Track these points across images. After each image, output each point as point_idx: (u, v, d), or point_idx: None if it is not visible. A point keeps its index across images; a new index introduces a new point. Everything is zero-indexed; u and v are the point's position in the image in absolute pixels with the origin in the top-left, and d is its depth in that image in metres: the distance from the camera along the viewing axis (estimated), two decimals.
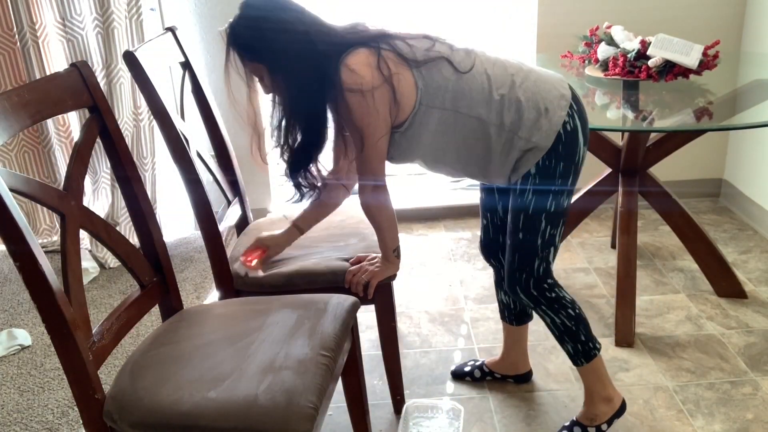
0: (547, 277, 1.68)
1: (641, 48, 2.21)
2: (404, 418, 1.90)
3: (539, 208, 1.60)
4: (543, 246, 1.63)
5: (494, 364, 2.06)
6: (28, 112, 1.26)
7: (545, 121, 1.53)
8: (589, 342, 1.73)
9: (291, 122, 1.54)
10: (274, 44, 1.47)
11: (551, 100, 1.55)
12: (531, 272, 1.65)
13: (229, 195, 2.04)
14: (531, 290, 1.67)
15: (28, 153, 2.98)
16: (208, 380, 1.30)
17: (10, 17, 2.69)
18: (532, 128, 1.53)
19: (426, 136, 1.56)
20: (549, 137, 1.54)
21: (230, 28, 1.49)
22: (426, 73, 1.50)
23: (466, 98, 1.52)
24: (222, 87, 3.12)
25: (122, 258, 1.48)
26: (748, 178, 3.05)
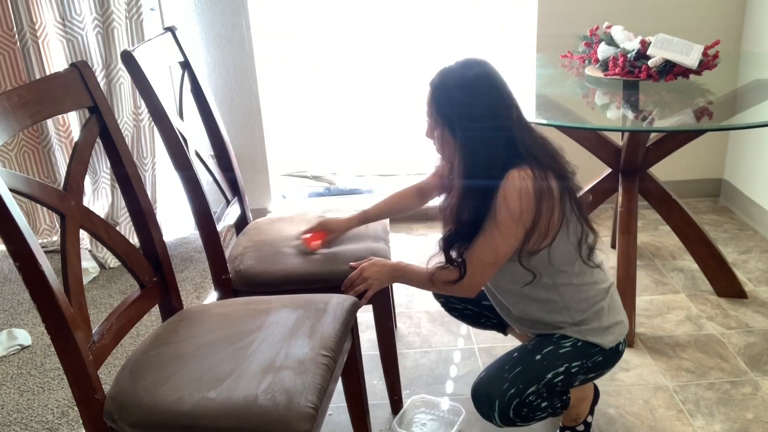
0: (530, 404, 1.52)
1: (641, 48, 2.20)
2: (407, 409, 1.91)
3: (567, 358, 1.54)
4: (547, 384, 1.52)
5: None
6: (28, 112, 1.26)
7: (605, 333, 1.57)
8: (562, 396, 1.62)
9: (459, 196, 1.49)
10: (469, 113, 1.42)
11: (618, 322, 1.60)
12: (521, 392, 1.50)
13: (228, 195, 2.04)
14: (509, 411, 1.50)
15: (28, 153, 2.98)
16: (208, 380, 1.30)
17: (10, 17, 2.69)
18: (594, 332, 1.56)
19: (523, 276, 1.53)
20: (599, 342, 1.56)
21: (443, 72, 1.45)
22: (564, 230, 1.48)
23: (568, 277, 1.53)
24: (221, 87, 3.14)
25: (122, 258, 1.48)
26: (748, 178, 3.05)
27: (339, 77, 3.32)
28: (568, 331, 1.57)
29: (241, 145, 3.06)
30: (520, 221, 1.42)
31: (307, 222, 1.95)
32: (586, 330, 1.56)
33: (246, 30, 2.94)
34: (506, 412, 1.50)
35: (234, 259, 1.86)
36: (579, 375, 1.57)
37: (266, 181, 3.21)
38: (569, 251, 1.51)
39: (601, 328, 1.57)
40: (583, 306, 1.56)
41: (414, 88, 3.55)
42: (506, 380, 1.50)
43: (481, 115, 1.41)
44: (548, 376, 1.52)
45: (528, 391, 1.50)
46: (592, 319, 1.56)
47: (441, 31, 3.35)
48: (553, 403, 1.58)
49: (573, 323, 1.57)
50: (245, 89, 3.03)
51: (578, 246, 1.51)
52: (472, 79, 1.42)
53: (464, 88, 1.42)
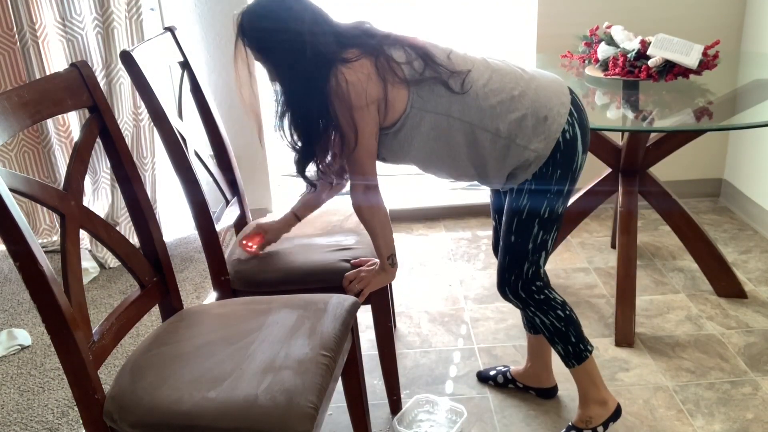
0: (537, 280, 1.67)
1: (641, 48, 2.20)
2: (408, 409, 1.91)
3: (533, 212, 1.60)
4: (534, 250, 1.63)
5: (518, 374, 2.02)
6: (28, 112, 1.26)
7: (544, 128, 1.54)
8: (580, 344, 1.72)
9: (291, 119, 1.56)
10: (274, 42, 1.50)
11: (551, 107, 1.55)
12: (520, 274, 1.66)
13: (228, 195, 2.04)
14: (519, 292, 1.68)
15: (28, 153, 2.98)
16: (208, 380, 1.30)
17: (10, 17, 2.69)
18: (531, 136, 1.54)
19: (418, 140, 1.56)
20: (548, 145, 1.54)
21: (240, 17, 1.52)
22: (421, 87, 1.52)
23: (459, 104, 1.53)
24: (221, 87, 3.14)
25: (122, 258, 1.48)
26: (748, 178, 3.05)
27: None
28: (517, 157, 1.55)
29: (241, 145, 3.06)
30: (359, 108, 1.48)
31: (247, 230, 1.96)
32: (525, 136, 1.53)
33: None
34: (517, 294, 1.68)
35: (233, 259, 1.86)
36: (556, 207, 1.60)
37: (266, 181, 3.21)
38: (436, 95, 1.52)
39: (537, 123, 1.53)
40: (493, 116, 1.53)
41: None
42: (505, 271, 1.67)
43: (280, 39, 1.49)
44: (529, 246, 1.62)
45: (524, 269, 1.65)
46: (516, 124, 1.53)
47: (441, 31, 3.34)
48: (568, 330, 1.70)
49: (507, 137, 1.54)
50: None
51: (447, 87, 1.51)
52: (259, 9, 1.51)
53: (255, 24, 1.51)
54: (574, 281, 2.62)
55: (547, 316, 1.70)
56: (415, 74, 1.51)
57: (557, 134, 1.54)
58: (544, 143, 1.54)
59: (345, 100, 1.48)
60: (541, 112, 1.54)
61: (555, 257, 2.79)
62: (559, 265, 2.75)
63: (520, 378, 2.01)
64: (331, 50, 1.49)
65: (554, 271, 2.70)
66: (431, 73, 1.51)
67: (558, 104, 1.56)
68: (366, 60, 1.48)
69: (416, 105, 1.52)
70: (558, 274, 2.67)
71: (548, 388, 1.99)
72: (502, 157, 1.56)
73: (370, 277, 1.73)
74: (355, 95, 1.47)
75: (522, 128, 1.53)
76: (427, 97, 1.52)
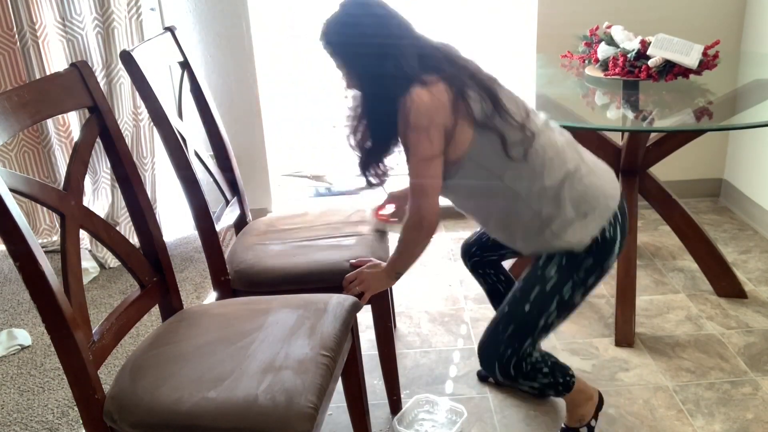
0: (530, 356, 1.58)
1: (641, 48, 2.20)
2: (408, 408, 1.91)
3: (557, 290, 1.54)
4: (542, 328, 1.56)
5: None
6: (28, 112, 1.26)
7: (580, 225, 1.51)
8: (565, 377, 1.67)
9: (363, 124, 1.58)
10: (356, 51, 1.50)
11: (594, 207, 1.52)
12: (518, 350, 1.55)
13: (228, 194, 2.04)
14: (510, 370, 1.57)
15: (28, 153, 2.98)
16: (208, 380, 1.30)
17: (10, 17, 2.69)
18: (566, 227, 1.51)
19: (463, 191, 1.56)
20: (581, 243, 1.52)
21: (325, 25, 1.52)
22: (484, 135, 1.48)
23: (514, 171, 1.50)
24: (221, 87, 3.14)
25: (122, 258, 1.48)
26: (748, 178, 3.05)
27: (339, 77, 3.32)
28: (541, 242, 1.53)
29: (241, 145, 3.06)
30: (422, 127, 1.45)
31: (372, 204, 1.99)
32: (557, 230, 1.51)
33: (246, 30, 2.94)
34: (507, 371, 1.57)
35: (233, 259, 1.86)
36: (576, 295, 1.55)
37: (266, 181, 3.21)
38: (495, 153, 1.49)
39: (569, 220, 1.50)
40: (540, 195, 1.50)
41: None
42: (501, 342, 1.56)
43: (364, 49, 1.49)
44: (540, 323, 1.54)
45: (524, 347, 1.55)
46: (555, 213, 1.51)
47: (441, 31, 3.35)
48: (555, 377, 1.62)
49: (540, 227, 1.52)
50: (245, 89, 3.03)
51: (503, 148, 1.48)
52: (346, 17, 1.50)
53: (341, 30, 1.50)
54: None
55: (535, 380, 1.62)
56: (484, 118, 1.47)
57: (594, 233, 1.52)
58: (578, 238, 1.52)
59: (409, 118, 1.45)
60: (582, 208, 1.51)
61: None
62: None
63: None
64: (412, 69, 1.46)
65: None
66: (499, 123, 1.48)
67: (603, 206, 1.53)
68: (443, 86, 1.45)
69: (473, 156, 1.49)
70: None
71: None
72: (534, 235, 1.54)
73: (370, 280, 1.72)
74: (419, 116, 1.44)
75: (561, 217, 1.51)
76: (486, 152, 1.49)
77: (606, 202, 1.54)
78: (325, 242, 1.91)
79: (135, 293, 1.51)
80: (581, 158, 1.56)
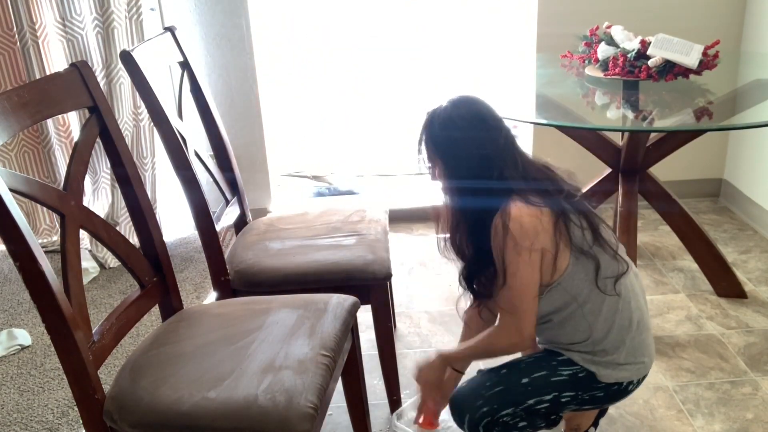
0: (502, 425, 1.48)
1: (641, 48, 2.20)
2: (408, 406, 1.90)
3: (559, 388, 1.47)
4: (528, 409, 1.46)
5: None
6: (28, 112, 1.26)
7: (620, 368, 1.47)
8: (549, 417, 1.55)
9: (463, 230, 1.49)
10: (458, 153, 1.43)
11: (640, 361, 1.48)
12: (493, 413, 1.46)
13: (228, 194, 2.04)
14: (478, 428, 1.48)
15: (28, 153, 2.98)
16: (208, 380, 1.30)
17: (10, 17, 2.69)
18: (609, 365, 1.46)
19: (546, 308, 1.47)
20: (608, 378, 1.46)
21: (430, 114, 1.46)
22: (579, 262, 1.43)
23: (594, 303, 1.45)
24: (221, 87, 3.13)
25: (122, 258, 1.48)
26: (748, 178, 3.05)
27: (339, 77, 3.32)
28: (577, 357, 1.48)
29: (241, 145, 3.06)
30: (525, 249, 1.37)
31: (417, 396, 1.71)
32: (599, 360, 1.46)
33: (246, 30, 2.94)
34: (475, 428, 1.47)
35: (233, 259, 1.86)
36: (570, 405, 1.49)
37: (266, 181, 3.21)
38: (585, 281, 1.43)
39: (616, 362, 1.46)
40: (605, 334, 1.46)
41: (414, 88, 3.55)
42: (482, 397, 1.47)
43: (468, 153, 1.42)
44: (529, 401, 1.46)
45: (502, 413, 1.46)
46: (610, 350, 1.46)
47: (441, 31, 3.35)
48: (534, 423, 1.51)
49: (587, 351, 1.47)
50: (245, 89, 3.03)
51: (595, 276, 1.43)
52: (456, 118, 1.43)
53: (449, 128, 1.43)
54: None
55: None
56: (585, 244, 1.42)
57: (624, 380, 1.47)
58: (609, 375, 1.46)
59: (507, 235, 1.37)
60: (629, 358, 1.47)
61: None
62: None
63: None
64: (515, 181, 1.40)
65: None
66: (597, 250, 1.43)
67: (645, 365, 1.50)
68: (548, 210, 1.38)
69: (564, 282, 1.43)
70: None
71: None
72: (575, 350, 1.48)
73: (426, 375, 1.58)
74: (521, 235, 1.36)
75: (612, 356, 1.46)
76: (578, 279, 1.43)
77: (649, 361, 1.51)
78: (325, 242, 1.91)
79: (135, 293, 1.51)
80: (646, 309, 1.53)
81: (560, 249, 1.40)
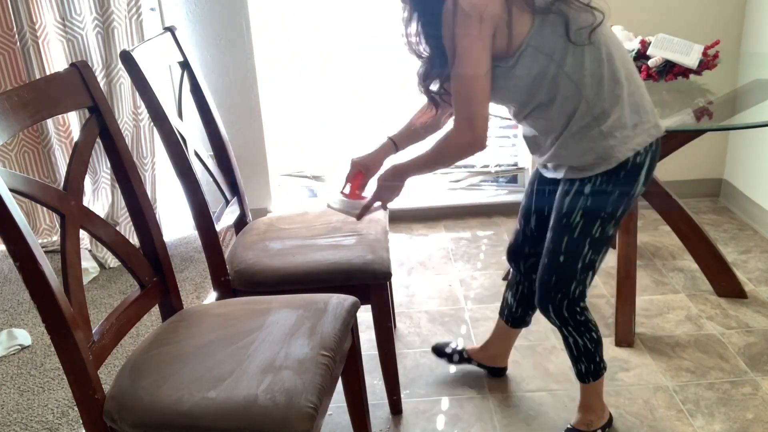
0: (581, 300, 1.64)
1: (641, 48, 2.20)
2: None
3: (585, 233, 1.54)
4: (582, 269, 1.59)
5: (475, 353, 2.11)
6: (28, 112, 1.26)
7: (631, 132, 1.46)
8: (602, 362, 1.75)
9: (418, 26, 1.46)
10: None
11: (645, 121, 1.48)
12: (567, 294, 1.61)
13: (228, 194, 2.04)
14: (563, 312, 1.64)
15: (28, 153, 2.98)
16: (208, 380, 1.30)
17: (10, 17, 2.69)
18: (617, 129, 1.44)
19: (525, 80, 1.44)
20: (624, 151, 1.46)
21: None
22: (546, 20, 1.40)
23: (574, 58, 1.41)
24: (221, 87, 3.14)
25: (122, 258, 1.48)
26: (748, 178, 3.05)
27: (339, 77, 3.32)
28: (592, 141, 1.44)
29: (241, 145, 3.06)
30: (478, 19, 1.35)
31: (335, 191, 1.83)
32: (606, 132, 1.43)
33: (246, 30, 2.94)
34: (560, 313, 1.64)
35: (233, 259, 1.86)
36: (608, 228, 1.54)
37: (266, 181, 3.21)
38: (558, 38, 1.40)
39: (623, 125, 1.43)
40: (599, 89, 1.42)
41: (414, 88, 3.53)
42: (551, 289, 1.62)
43: None
44: (579, 266, 1.57)
45: (571, 289, 1.60)
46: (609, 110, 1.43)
47: None
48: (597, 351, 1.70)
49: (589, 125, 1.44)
50: (245, 89, 3.03)
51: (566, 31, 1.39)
52: None
53: None
54: None
55: (582, 337, 1.69)
56: (543, 2, 1.39)
57: (636, 148, 1.47)
58: (621, 146, 1.46)
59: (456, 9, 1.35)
60: (634, 117, 1.46)
61: None
62: None
63: (476, 356, 2.10)
64: None
65: None
66: (562, 5, 1.39)
67: (652, 124, 1.49)
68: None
69: (533, 42, 1.39)
70: None
71: (501, 368, 2.10)
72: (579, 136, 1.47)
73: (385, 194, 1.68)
74: (471, 6, 1.34)
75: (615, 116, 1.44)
76: (546, 36, 1.39)
77: (656, 122, 1.49)
78: (325, 242, 1.91)
79: (135, 293, 1.51)
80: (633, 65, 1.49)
81: (514, 13, 1.37)
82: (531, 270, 1.86)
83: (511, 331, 2.01)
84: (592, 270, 1.60)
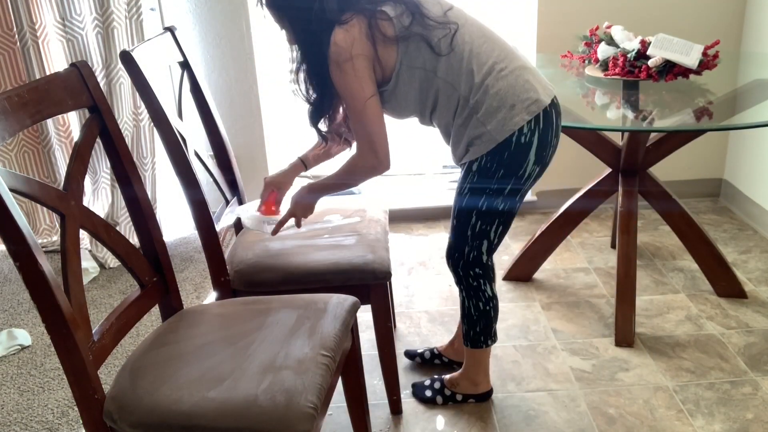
0: (476, 266, 1.78)
1: (641, 48, 2.21)
2: None
3: (471, 205, 1.70)
4: (473, 237, 1.74)
5: (444, 349, 2.17)
6: (28, 112, 1.26)
7: (506, 114, 1.59)
8: (482, 335, 1.87)
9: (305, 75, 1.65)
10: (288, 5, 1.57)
11: (522, 100, 1.60)
12: (462, 255, 1.77)
13: (228, 195, 2.04)
14: (459, 270, 1.80)
15: (28, 153, 2.98)
16: (207, 380, 1.30)
17: (10, 17, 2.69)
18: (491, 115, 1.60)
19: (413, 94, 1.63)
20: (501, 132, 1.60)
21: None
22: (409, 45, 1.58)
23: (445, 64, 1.59)
24: (221, 87, 3.13)
25: (122, 258, 1.48)
26: (748, 178, 3.05)
27: None
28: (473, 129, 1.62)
29: (241, 145, 3.06)
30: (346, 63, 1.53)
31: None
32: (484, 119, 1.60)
33: (246, 30, 2.94)
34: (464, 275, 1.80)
35: (233, 259, 1.86)
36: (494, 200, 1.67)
37: None
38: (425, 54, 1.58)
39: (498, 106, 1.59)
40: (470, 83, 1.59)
41: None
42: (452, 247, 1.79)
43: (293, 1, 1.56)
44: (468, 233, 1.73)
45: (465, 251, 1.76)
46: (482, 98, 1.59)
47: None
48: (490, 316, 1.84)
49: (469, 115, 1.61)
50: (245, 89, 3.03)
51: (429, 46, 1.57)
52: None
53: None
54: (574, 281, 2.62)
55: (470, 300, 1.83)
56: (403, 30, 1.56)
57: (514, 127, 1.60)
58: (499, 127, 1.60)
59: (332, 60, 1.54)
60: (509, 100, 1.59)
61: (555, 257, 2.79)
62: (559, 265, 2.75)
63: (446, 353, 2.16)
64: (333, 13, 1.54)
65: (554, 270, 2.70)
66: (418, 29, 1.56)
67: (530, 101, 1.60)
68: (357, 20, 1.53)
69: (405, 62, 1.59)
70: (558, 274, 2.67)
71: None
72: (464, 125, 1.63)
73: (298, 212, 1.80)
74: (339, 53, 1.52)
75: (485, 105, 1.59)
76: (414, 55, 1.58)
77: (534, 98, 1.61)
78: (324, 242, 1.91)
79: (135, 293, 1.51)
80: (511, 52, 1.64)
81: (379, 49, 1.56)
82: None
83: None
84: (487, 239, 1.74)
